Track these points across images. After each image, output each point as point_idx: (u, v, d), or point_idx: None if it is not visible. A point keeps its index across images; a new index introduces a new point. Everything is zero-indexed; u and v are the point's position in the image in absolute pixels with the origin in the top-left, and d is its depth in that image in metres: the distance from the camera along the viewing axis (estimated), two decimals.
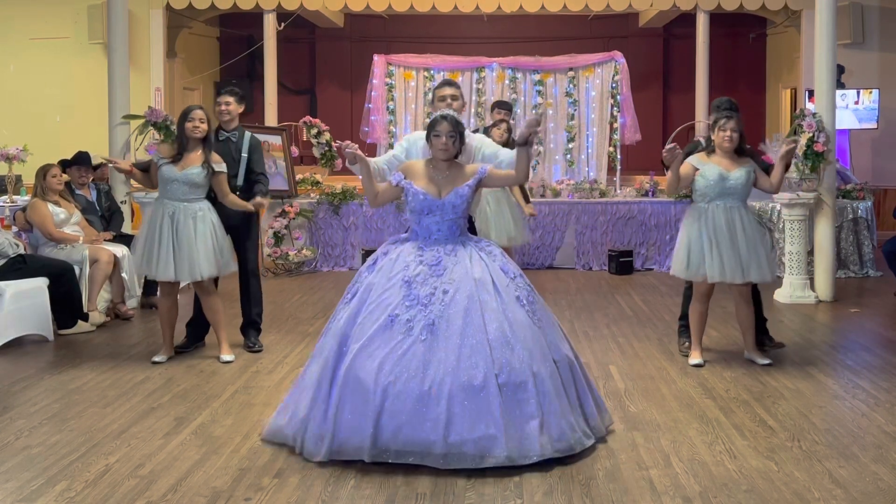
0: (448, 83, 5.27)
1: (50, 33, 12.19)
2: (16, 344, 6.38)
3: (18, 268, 6.58)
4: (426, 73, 11.71)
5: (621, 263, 9.83)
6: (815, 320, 7.36)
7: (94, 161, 8.07)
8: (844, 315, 7.54)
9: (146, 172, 6.05)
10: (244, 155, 6.18)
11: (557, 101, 11.70)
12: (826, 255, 8.21)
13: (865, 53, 12.23)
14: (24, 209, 7.42)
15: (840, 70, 9.87)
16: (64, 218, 7.26)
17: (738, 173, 5.66)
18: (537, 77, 11.69)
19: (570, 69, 11.65)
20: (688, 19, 12.85)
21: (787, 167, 5.83)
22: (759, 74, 14.78)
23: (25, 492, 3.75)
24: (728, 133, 5.66)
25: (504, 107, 8.46)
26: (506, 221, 7.76)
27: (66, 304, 6.76)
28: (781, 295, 8.17)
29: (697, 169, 5.71)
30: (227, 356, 5.95)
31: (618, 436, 4.42)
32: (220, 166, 5.90)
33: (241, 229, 6.21)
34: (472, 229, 5.04)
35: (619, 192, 10.78)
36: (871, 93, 11.51)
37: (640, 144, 11.75)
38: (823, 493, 3.71)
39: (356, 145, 4.59)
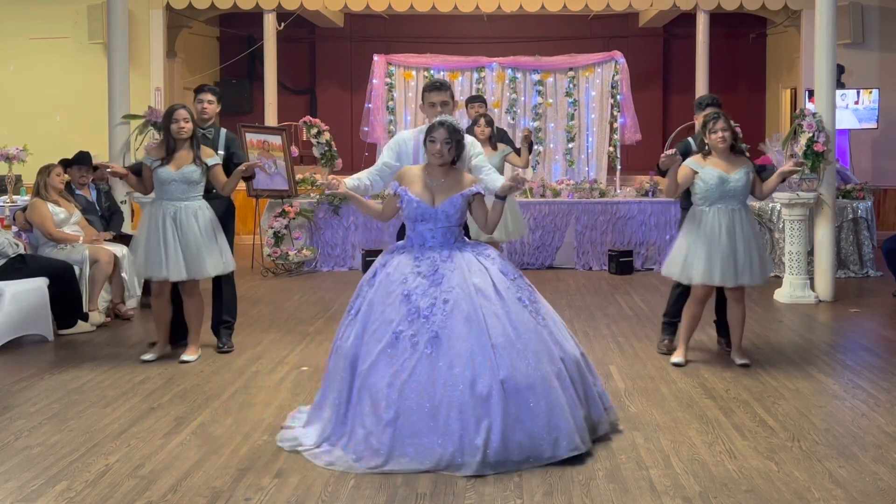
0: (436, 87, 4.95)
1: (50, 33, 12.19)
2: (16, 344, 6.38)
3: (18, 268, 6.58)
4: (426, 73, 11.71)
5: (621, 263, 9.83)
6: (815, 320, 7.36)
7: (95, 161, 8.07)
8: (844, 315, 7.54)
9: (139, 176, 6.02)
10: (221, 152, 6.17)
11: (557, 101, 11.70)
12: (826, 255, 8.21)
13: (865, 53, 12.23)
14: (24, 209, 7.42)
15: (840, 70, 9.86)
16: (64, 218, 7.26)
17: (737, 175, 5.63)
18: (537, 77, 11.70)
19: (570, 69, 11.66)
20: (688, 19, 12.85)
21: (783, 180, 5.81)
22: (759, 74, 14.78)
23: (25, 492, 3.75)
24: (720, 133, 5.63)
25: (478, 100, 8.39)
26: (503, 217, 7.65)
27: (66, 304, 6.76)
28: (781, 295, 8.17)
29: (696, 172, 5.69)
30: (190, 356, 5.93)
31: (618, 436, 4.42)
32: (213, 160, 5.91)
33: (220, 224, 6.07)
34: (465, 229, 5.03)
35: (619, 192, 10.78)
36: (871, 93, 11.51)
37: (640, 144, 11.76)
38: (823, 493, 3.71)
39: (336, 183, 4.55)
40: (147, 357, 5.91)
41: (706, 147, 5.71)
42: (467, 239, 4.55)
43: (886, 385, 5.31)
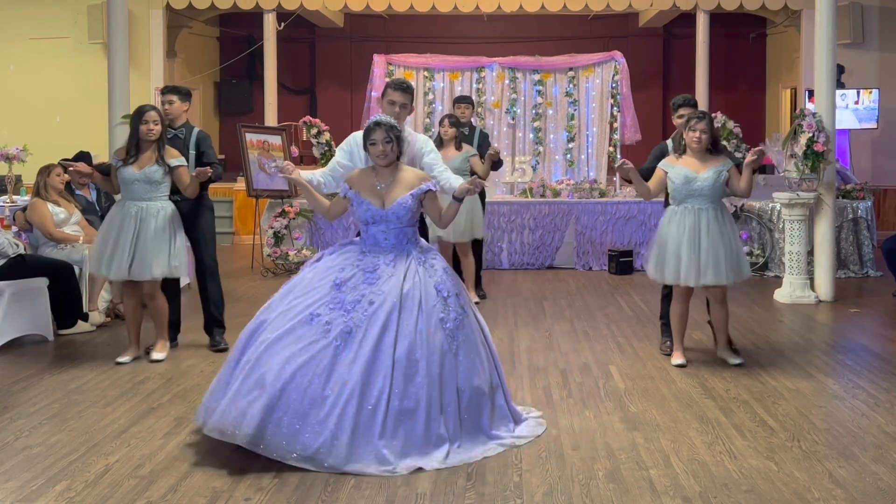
0: (400, 87, 4.91)
1: (50, 33, 12.20)
2: (16, 344, 6.38)
3: (18, 268, 6.57)
4: (426, 73, 11.72)
5: (621, 263, 9.83)
6: (815, 320, 7.36)
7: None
8: (844, 315, 7.54)
9: (108, 176, 6.01)
10: (192, 151, 6.17)
11: (557, 101, 11.71)
12: (826, 255, 8.20)
13: (865, 53, 12.23)
14: (24, 209, 7.42)
15: (840, 70, 9.87)
16: (64, 218, 7.26)
17: (705, 174, 5.60)
18: (537, 77, 11.70)
19: (570, 69, 11.66)
20: (688, 19, 12.87)
21: (753, 172, 5.77)
22: (759, 74, 14.79)
23: (25, 492, 3.75)
24: (697, 133, 5.61)
25: (464, 101, 8.39)
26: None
27: (66, 304, 6.76)
28: (781, 295, 8.17)
29: (667, 172, 5.70)
30: (158, 354, 5.94)
31: (618, 436, 4.42)
32: (177, 160, 5.89)
33: (190, 223, 6.09)
34: (423, 226, 5.02)
35: (619, 192, 10.77)
36: (871, 93, 11.51)
37: (640, 144, 11.74)
38: (823, 493, 3.71)
39: (290, 167, 4.55)
40: (122, 359, 5.90)
41: (682, 144, 5.71)
42: (424, 241, 4.54)
43: (886, 385, 5.31)
